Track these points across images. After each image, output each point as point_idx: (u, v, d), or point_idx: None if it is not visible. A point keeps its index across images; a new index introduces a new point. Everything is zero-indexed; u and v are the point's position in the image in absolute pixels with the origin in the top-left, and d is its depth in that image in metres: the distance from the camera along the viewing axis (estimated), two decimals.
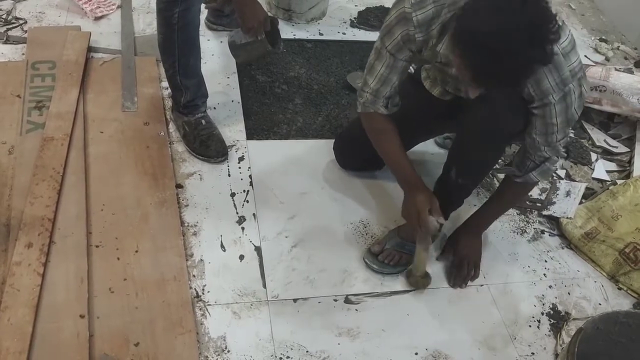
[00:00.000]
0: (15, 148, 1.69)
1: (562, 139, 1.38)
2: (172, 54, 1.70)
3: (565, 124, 1.33)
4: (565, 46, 1.23)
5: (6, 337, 1.26)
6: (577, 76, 1.26)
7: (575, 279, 1.70)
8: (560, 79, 1.24)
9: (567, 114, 1.30)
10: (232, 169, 1.81)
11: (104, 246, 1.51)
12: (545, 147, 1.38)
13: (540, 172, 1.46)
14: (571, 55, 1.24)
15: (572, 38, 1.25)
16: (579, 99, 1.30)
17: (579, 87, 1.28)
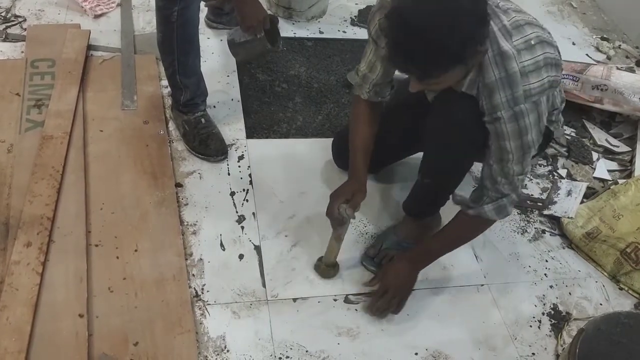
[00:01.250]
0: (14, 146, 1.69)
1: (520, 175, 1.31)
2: (171, 53, 1.69)
3: (520, 153, 1.26)
4: (526, 65, 1.18)
5: (5, 336, 1.26)
6: (532, 99, 1.20)
7: (576, 279, 1.69)
8: (512, 96, 1.20)
9: (521, 139, 1.24)
10: (232, 167, 1.81)
11: (103, 245, 1.50)
12: (502, 178, 1.31)
13: (496, 208, 1.35)
14: (532, 76, 1.19)
15: (540, 60, 1.19)
16: (535, 127, 1.24)
17: (534, 113, 1.22)
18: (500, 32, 1.19)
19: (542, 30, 1.24)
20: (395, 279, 1.49)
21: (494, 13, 1.20)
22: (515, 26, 1.21)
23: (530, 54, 1.19)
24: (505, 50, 1.18)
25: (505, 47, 1.18)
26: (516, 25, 1.21)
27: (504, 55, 1.18)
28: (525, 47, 1.19)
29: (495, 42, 1.19)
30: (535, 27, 1.23)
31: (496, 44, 1.19)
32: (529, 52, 1.19)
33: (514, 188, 1.33)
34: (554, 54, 1.24)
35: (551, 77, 1.22)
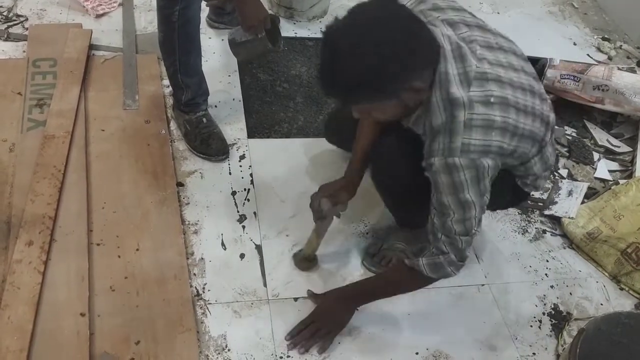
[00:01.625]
0: (16, 146, 1.69)
1: (464, 236, 1.19)
2: (172, 52, 1.69)
3: (461, 211, 1.16)
4: (474, 118, 1.10)
5: (6, 335, 1.26)
6: (470, 155, 1.10)
7: (577, 279, 1.69)
8: (448, 145, 1.11)
9: (457, 196, 1.14)
10: (233, 167, 1.81)
11: (105, 244, 1.51)
12: (442, 235, 1.21)
13: (431, 264, 1.24)
14: (476, 132, 1.10)
15: (495, 121, 1.11)
16: (474, 187, 1.13)
17: (471, 171, 1.12)
18: (458, 77, 1.12)
19: (516, 93, 1.15)
20: (325, 311, 1.43)
21: (461, 56, 1.13)
22: (479, 77, 1.13)
23: (485, 110, 1.11)
24: (456, 97, 1.11)
25: (457, 94, 1.11)
26: (480, 77, 1.13)
27: (453, 102, 1.12)
28: (481, 101, 1.12)
29: (446, 86, 1.12)
30: (506, 88, 1.14)
31: (447, 88, 1.12)
32: (484, 107, 1.11)
33: (455, 249, 1.21)
34: (518, 122, 1.15)
35: (503, 143, 1.13)
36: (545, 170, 1.36)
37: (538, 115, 1.21)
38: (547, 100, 1.29)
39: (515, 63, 1.21)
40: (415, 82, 1.10)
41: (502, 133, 1.13)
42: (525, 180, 1.35)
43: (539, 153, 1.28)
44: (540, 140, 1.25)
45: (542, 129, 1.23)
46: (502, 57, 1.19)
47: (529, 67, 1.26)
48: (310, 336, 1.40)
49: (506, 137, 1.14)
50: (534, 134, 1.21)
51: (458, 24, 1.19)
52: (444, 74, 1.12)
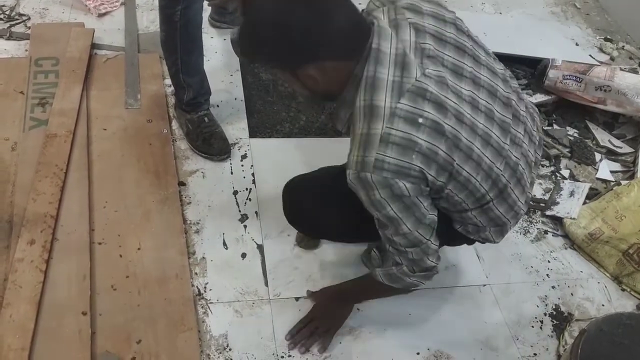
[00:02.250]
0: (18, 145, 1.69)
1: (411, 248, 1.12)
2: (174, 52, 1.70)
3: (391, 225, 1.08)
4: (393, 134, 0.99)
5: (8, 333, 1.26)
6: (382, 174, 0.99)
7: (578, 279, 1.69)
8: (361, 159, 1.01)
9: (381, 212, 1.06)
10: (235, 167, 1.81)
11: (107, 243, 1.51)
12: (390, 246, 1.16)
13: (387, 275, 1.21)
14: (391, 149, 0.99)
15: (418, 145, 1.00)
16: (395, 203, 1.03)
17: (387, 191, 1.01)
18: (390, 85, 1.01)
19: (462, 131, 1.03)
20: (323, 309, 1.43)
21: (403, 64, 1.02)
22: (415, 92, 1.01)
23: (407, 128, 0.99)
24: (378, 105, 1.01)
25: (380, 103, 1.01)
26: (416, 93, 1.01)
27: (374, 110, 1.01)
28: (406, 117, 1.00)
29: (371, 91, 1.02)
30: (448, 118, 1.02)
31: (373, 94, 1.02)
32: (407, 126, 0.99)
33: (407, 260, 1.15)
34: (449, 157, 1.03)
35: (428, 174, 1.02)
36: (495, 226, 1.21)
37: (485, 169, 1.08)
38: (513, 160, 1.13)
39: (482, 101, 1.08)
40: (309, 67, 1.03)
41: (425, 161, 1.01)
42: (467, 228, 1.23)
43: (479, 208, 1.15)
44: (479, 197, 1.12)
45: (486, 187, 1.10)
46: (466, 88, 1.07)
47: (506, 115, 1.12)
48: (310, 334, 1.40)
49: (430, 168, 1.02)
50: (471, 185, 1.09)
51: (427, 34, 1.07)
52: (372, 77, 1.02)
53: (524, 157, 1.19)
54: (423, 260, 1.15)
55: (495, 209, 1.16)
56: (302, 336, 1.41)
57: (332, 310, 1.44)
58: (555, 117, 2.21)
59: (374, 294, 1.43)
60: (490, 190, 1.12)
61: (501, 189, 1.13)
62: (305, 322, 1.42)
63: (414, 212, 1.06)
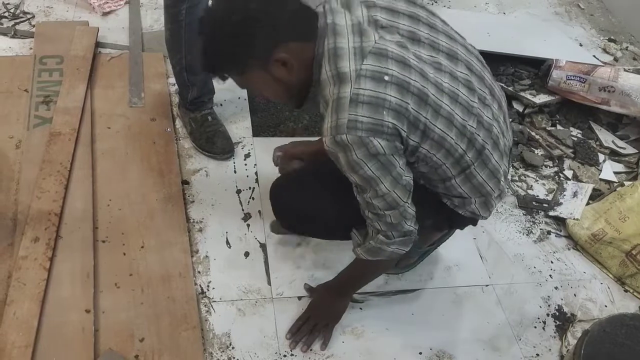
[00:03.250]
0: (22, 142, 1.70)
1: (390, 211, 1.13)
2: (179, 51, 1.70)
3: (368, 186, 1.10)
4: (361, 94, 1.02)
5: (12, 331, 1.27)
6: (357, 133, 1.02)
7: (581, 280, 1.69)
8: (335, 123, 1.04)
9: (359, 173, 1.07)
10: (238, 165, 1.81)
11: (110, 241, 1.51)
12: (368, 212, 1.16)
13: (368, 250, 1.23)
14: (361, 108, 1.02)
15: (387, 101, 1.03)
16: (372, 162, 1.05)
17: (363, 150, 1.03)
18: (352, 50, 1.06)
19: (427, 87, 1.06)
20: (320, 304, 1.44)
21: (360, 32, 1.07)
22: (376, 53, 1.05)
23: (374, 86, 1.03)
24: (344, 71, 1.05)
25: (345, 69, 1.05)
26: (378, 53, 1.05)
27: (340, 76, 1.05)
28: (372, 77, 1.03)
29: (335, 60, 1.06)
30: (408, 71, 1.05)
31: (337, 62, 1.06)
32: (374, 84, 1.03)
33: (387, 224, 1.16)
34: (418, 113, 1.05)
35: (397, 127, 1.04)
36: (479, 196, 1.23)
37: (458, 127, 1.10)
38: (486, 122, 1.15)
39: (444, 63, 1.11)
40: (278, 51, 1.06)
41: (396, 116, 1.04)
42: (453, 201, 1.25)
43: (462, 173, 1.17)
44: (458, 157, 1.13)
45: (463, 147, 1.12)
46: (425, 52, 1.10)
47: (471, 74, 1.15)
48: (310, 331, 1.41)
49: (403, 124, 1.05)
50: (446, 143, 1.10)
51: (378, 8, 1.11)
52: (333, 49, 1.06)
53: (496, 121, 1.21)
54: (401, 224, 1.17)
55: (477, 175, 1.18)
56: (302, 334, 1.41)
57: (329, 305, 1.44)
58: (558, 118, 2.21)
59: (363, 277, 1.41)
60: (467, 151, 1.13)
61: (479, 150, 1.15)
62: (304, 319, 1.43)
63: (390, 171, 1.08)
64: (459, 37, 1.22)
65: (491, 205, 1.28)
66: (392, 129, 1.04)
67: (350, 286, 1.44)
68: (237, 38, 1.05)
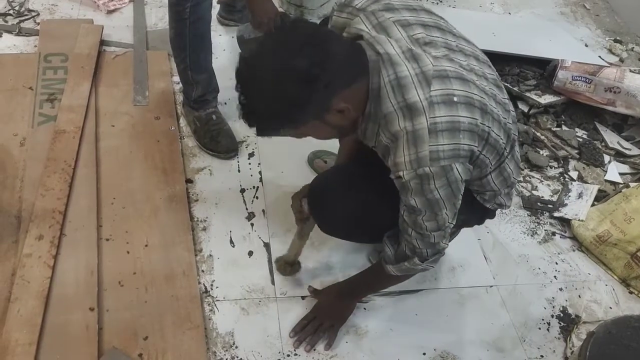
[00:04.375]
0: (26, 140, 1.70)
1: (436, 232, 1.13)
2: (183, 49, 1.70)
3: (430, 209, 1.09)
4: (439, 122, 1.01)
5: (16, 328, 1.27)
6: (440, 163, 1.02)
7: (586, 281, 1.68)
8: (415, 156, 1.02)
9: (427, 197, 1.06)
10: (242, 165, 1.81)
11: (114, 240, 1.51)
12: (413, 231, 1.14)
13: (399, 268, 1.22)
14: (443, 137, 1.01)
15: (460, 122, 1.02)
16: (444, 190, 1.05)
17: (442, 178, 1.03)
18: (416, 78, 1.03)
19: (482, 95, 1.06)
20: (326, 306, 1.44)
21: (414, 57, 1.04)
22: (439, 76, 1.03)
23: (448, 111, 1.02)
24: (414, 101, 1.02)
25: (414, 99, 1.02)
26: (440, 75, 1.04)
27: (411, 107, 1.02)
28: (443, 102, 1.02)
29: (401, 92, 1.03)
30: (468, 85, 1.05)
31: (403, 93, 1.03)
32: (447, 108, 1.02)
33: (427, 244, 1.16)
34: (484, 126, 1.05)
35: (473, 147, 1.05)
36: (506, 187, 1.25)
37: (502, 125, 1.11)
38: (511, 112, 1.19)
39: (476, 67, 1.12)
40: (337, 102, 1.02)
41: (470, 136, 1.04)
42: (484, 196, 1.26)
43: (498, 168, 1.18)
44: (501, 152, 1.15)
45: (504, 141, 1.13)
46: (463, 59, 1.11)
47: (491, 73, 1.17)
48: (314, 331, 1.41)
49: (475, 141, 1.05)
50: (498, 144, 1.11)
51: (413, 25, 1.10)
52: (395, 79, 1.03)
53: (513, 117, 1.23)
54: (440, 243, 1.17)
55: (507, 166, 1.20)
56: (306, 333, 1.41)
57: (337, 306, 1.44)
58: (564, 118, 2.20)
59: (380, 285, 1.43)
60: (507, 144, 1.15)
61: (512, 142, 1.18)
62: (310, 318, 1.43)
63: (457, 198, 1.09)
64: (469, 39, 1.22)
65: (512, 194, 1.32)
66: (467, 151, 1.05)
67: (363, 291, 1.45)
68: (295, 103, 0.99)
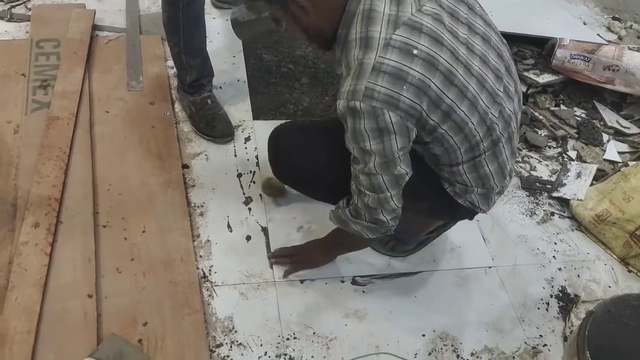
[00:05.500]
0: (20, 127, 1.68)
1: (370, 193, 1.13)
2: (177, 33, 1.67)
3: (362, 158, 1.09)
4: (384, 63, 0.99)
5: (14, 316, 1.26)
6: (372, 103, 1.00)
7: (585, 261, 1.68)
8: (353, 88, 1.01)
9: (359, 145, 1.06)
10: (239, 149, 1.79)
11: (111, 226, 1.50)
12: (354, 184, 1.16)
13: (336, 214, 1.27)
14: (382, 79, 0.99)
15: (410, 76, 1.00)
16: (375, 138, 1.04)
17: (372, 122, 1.02)
18: (387, 18, 1.02)
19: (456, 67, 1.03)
20: (306, 250, 1.51)
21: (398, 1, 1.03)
22: (410, 25, 1.01)
23: (400, 58, 1.00)
24: (373, 36, 1.01)
25: (374, 34, 1.01)
26: (412, 26, 1.01)
27: (368, 41, 1.02)
28: (400, 48, 1.00)
29: (367, 23, 1.02)
30: (439, 48, 1.01)
31: (368, 25, 1.02)
32: (400, 56, 1.00)
33: (364, 205, 1.16)
34: (442, 93, 1.03)
35: (420, 109, 1.02)
36: (481, 187, 1.21)
37: (479, 110, 1.08)
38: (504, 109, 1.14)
39: (476, 45, 1.08)
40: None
41: (417, 93, 1.01)
42: (455, 188, 1.23)
43: (472, 160, 1.15)
44: (474, 142, 1.11)
45: (480, 130, 1.10)
46: (462, 31, 1.07)
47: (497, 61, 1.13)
48: (289, 260, 1.51)
49: (422, 101, 1.02)
50: (467, 127, 1.07)
51: None
52: (368, 10, 1.03)
53: (515, 115, 1.19)
54: (377, 211, 1.16)
55: (485, 165, 1.16)
56: (280, 258, 1.52)
57: (313, 254, 1.51)
58: (562, 98, 2.18)
59: (339, 243, 1.43)
60: (484, 139, 1.12)
61: (495, 140, 1.14)
62: (290, 251, 1.52)
63: (387, 154, 1.06)
64: (493, 24, 1.19)
65: (491, 199, 1.27)
66: (408, 106, 1.02)
67: (331, 248, 1.49)
68: None
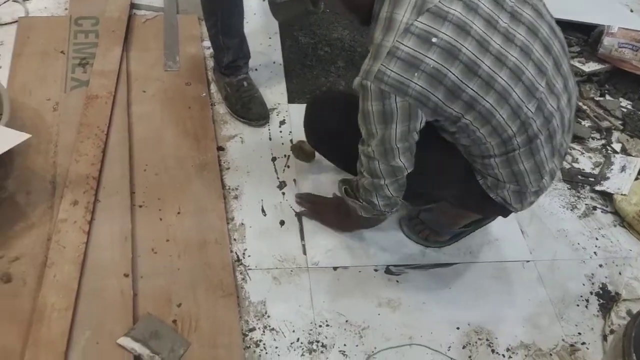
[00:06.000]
0: (59, 105, 1.69)
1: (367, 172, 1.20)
2: (214, 13, 1.66)
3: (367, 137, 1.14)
4: (400, 49, 0.99)
5: (52, 293, 1.28)
6: (381, 86, 1.01)
7: (627, 258, 1.63)
8: (368, 67, 1.04)
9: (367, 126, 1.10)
10: (273, 132, 1.78)
11: (147, 206, 1.51)
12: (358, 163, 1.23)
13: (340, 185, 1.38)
14: (394, 64, 1.00)
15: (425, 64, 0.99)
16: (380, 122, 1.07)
17: (379, 105, 1.04)
18: (414, 2, 1.00)
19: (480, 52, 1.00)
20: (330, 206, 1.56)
21: None
22: (435, 13, 1.00)
23: (417, 46, 0.99)
24: (395, 19, 1.01)
25: (398, 17, 1.00)
26: (436, 13, 1.00)
27: (391, 23, 1.01)
28: (419, 35, 0.99)
29: (394, 5, 1.01)
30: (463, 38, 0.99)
31: (394, 7, 1.01)
32: (418, 43, 0.99)
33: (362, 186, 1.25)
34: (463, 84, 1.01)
35: (429, 93, 1.01)
36: (514, 184, 1.18)
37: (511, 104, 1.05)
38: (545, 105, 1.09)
39: (517, 35, 1.04)
40: None
41: (430, 82, 1.00)
42: (486, 181, 1.20)
43: (505, 155, 1.12)
44: (505, 137, 1.08)
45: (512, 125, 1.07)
46: (503, 19, 1.04)
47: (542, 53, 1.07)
48: (313, 207, 1.57)
49: (436, 89, 1.01)
50: (494, 119, 1.05)
51: None
52: None
53: (560, 113, 1.14)
54: (372, 194, 1.24)
55: (520, 162, 1.13)
56: (308, 202, 1.58)
57: (330, 214, 1.55)
58: (608, 88, 2.10)
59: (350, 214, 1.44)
60: (518, 134, 1.09)
61: (531, 137, 1.10)
62: (314, 199, 1.58)
63: (385, 142, 1.11)
64: (548, 14, 1.13)
65: (525, 198, 1.24)
66: (418, 93, 1.02)
67: (345, 214, 1.48)
68: None
